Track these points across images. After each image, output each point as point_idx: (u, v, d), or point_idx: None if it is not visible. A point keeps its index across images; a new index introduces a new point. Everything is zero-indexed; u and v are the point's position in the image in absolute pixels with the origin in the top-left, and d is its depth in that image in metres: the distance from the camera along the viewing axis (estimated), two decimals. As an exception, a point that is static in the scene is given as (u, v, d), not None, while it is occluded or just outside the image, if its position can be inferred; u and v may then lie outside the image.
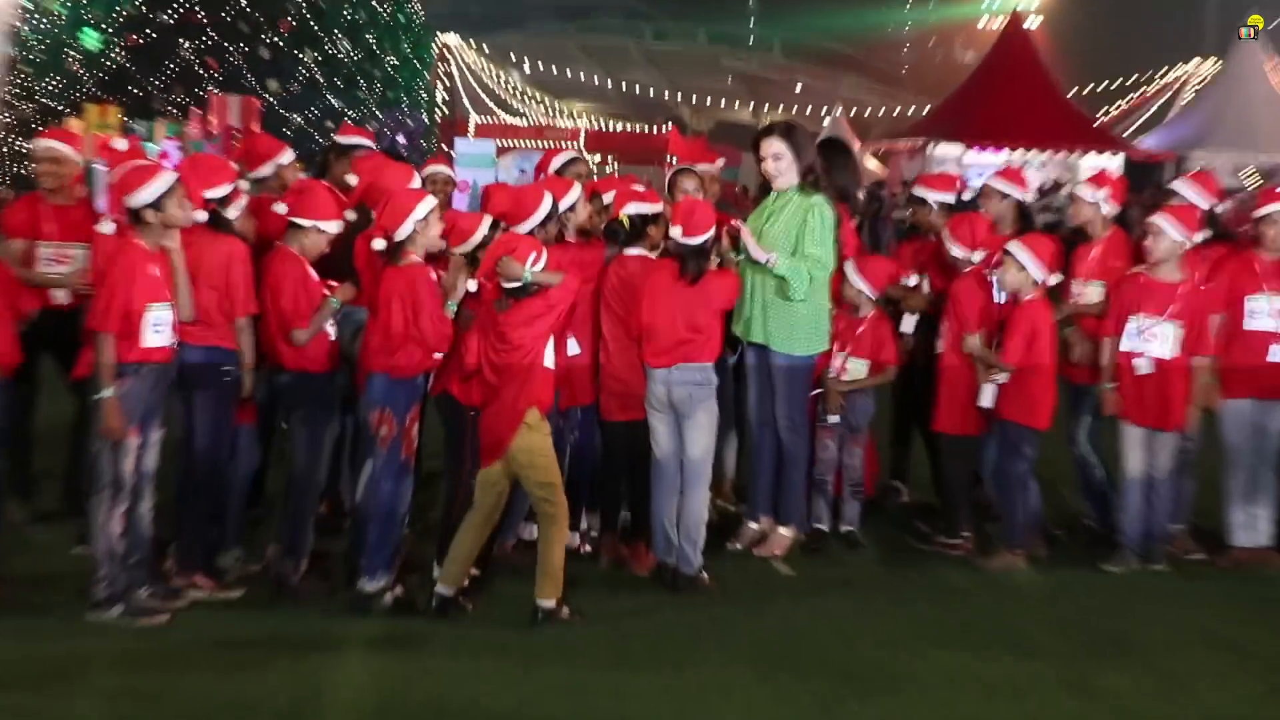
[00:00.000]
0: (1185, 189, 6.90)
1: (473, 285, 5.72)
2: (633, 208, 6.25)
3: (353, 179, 6.54)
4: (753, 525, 6.84)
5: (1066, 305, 6.94)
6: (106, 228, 5.90)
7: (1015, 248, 6.52)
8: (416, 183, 6.25)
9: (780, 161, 6.48)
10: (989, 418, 6.73)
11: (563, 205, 6.17)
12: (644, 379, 6.21)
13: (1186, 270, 6.56)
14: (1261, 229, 6.82)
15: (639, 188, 6.55)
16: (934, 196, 7.40)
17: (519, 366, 5.57)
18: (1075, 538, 7.16)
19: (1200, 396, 6.58)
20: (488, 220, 5.89)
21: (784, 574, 6.61)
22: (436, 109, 34.77)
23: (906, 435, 7.86)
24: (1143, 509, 6.66)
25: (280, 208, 5.90)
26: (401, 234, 5.67)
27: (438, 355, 5.73)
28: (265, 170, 6.66)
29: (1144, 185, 26.38)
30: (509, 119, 51.05)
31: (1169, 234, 6.48)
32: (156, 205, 5.51)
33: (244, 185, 6.14)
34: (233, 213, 5.89)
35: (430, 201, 5.75)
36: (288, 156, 6.75)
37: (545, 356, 5.63)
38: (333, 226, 5.90)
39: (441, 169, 7.46)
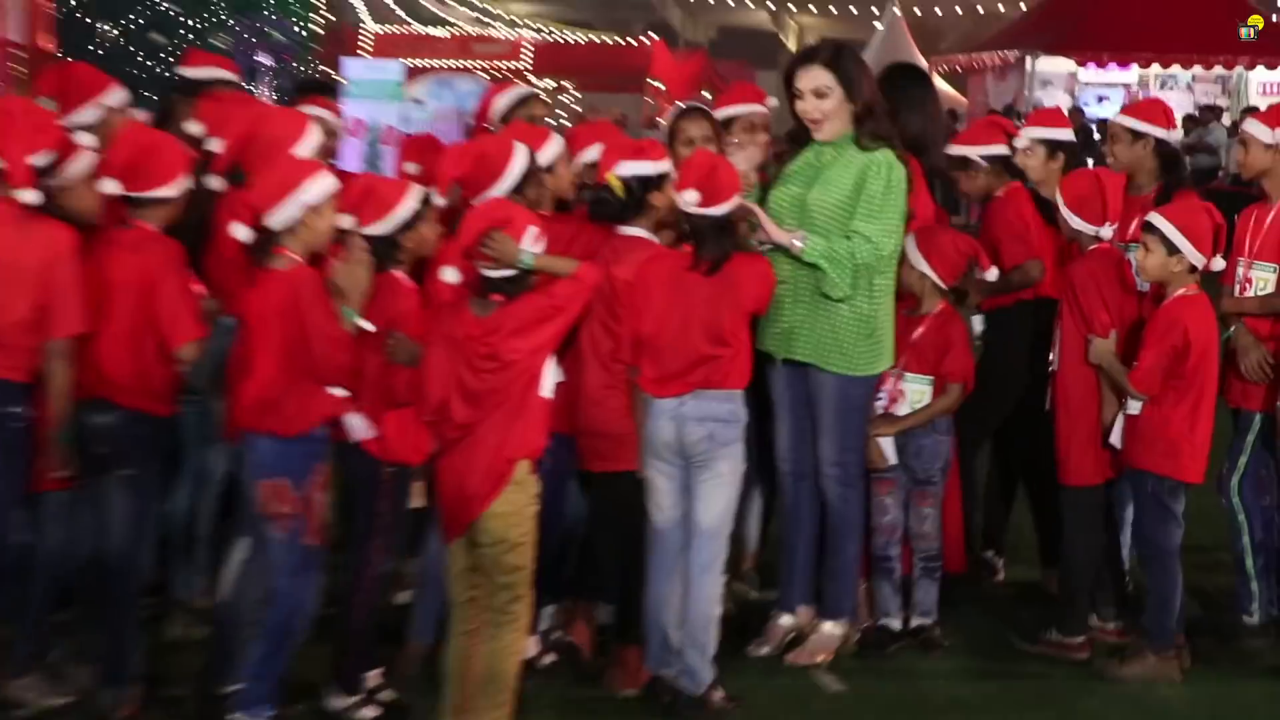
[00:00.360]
0: None
1: (451, 274, 5.67)
2: (627, 167, 6.24)
3: (195, 127, 6.53)
4: (785, 619, 6.87)
5: (1231, 299, 6.95)
6: None
7: (1159, 220, 6.55)
8: (312, 142, 6.19)
9: (825, 101, 6.52)
10: (1120, 464, 6.76)
11: (541, 162, 6.23)
12: (621, 416, 6.23)
13: None
14: None
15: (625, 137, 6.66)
16: (978, 151, 7.48)
17: (507, 395, 5.56)
18: (1224, 629, 7.21)
19: None
20: (415, 190, 5.87)
21: (831, 690, 6.59)
22: (312, 15, 34.79)
23: (1008, 487, 7.89)
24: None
25: (109, 185, 5.89)
26: (278, 221, 5.63)
27: (339, 392, 5.71)
28: (85, 116, 6.65)
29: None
30: (421, 28, 51.20)
31: None
32: None
33: (87, 141, 6.10)
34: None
35: (327, 179, 5.72)
36: (117, 96, 6.73)
37: (544, 382, 5.63)
38: (174, 190, 5.91)
39: (319, 110, 7.45)
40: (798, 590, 6.86)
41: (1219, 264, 6.63)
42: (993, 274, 7.09)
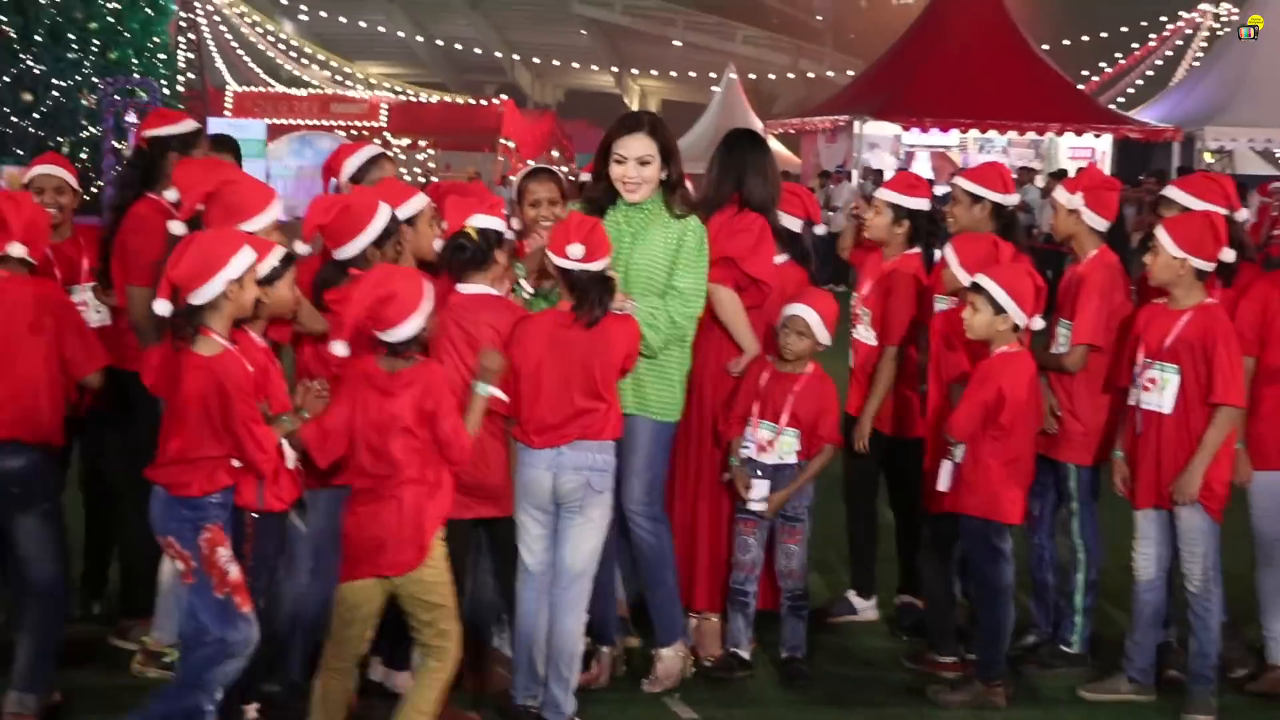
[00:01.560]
0: (1179, 196, 7.10)
1: (340, 349, 5.63)
2: (480, 220, 6.25)
3: (172, 194, 6.29)
4: (604, 650, 6.91)
5: (1038, 353, 7.07)
6: None
7: (986, 281, 6.69)
8: (273, 215, 5.95)
9: (647, 168, 6.61)
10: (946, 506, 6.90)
11: (401, 215, 6.19)
12: (501, 465, 6.26)
13: (1200, 296, 6.76)
14: (1304, 241, 7.10)
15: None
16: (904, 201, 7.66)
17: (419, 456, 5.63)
18: (1042, 657, 7.37)
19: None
20: (277, 250, 5.76)
21: (685, 718, 6.65)
22: (179, 76, 34.38)
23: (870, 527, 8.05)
24: (1153, 619, 6.91)
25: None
26: (201, 297, 5.45)
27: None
28: None
29: (1139, 172, 27.30)
30: (281, 89, 50.78)
31: (1166, 250, 6.69)
32: None
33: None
34: None
35: (248, 252, 5.49)
36: None
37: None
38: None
39: (50, 170, 7.24)
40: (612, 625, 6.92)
41: (1038, 324, 6.77)
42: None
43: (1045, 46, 37.31)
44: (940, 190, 7.21)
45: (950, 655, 7.17)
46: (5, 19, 27.49)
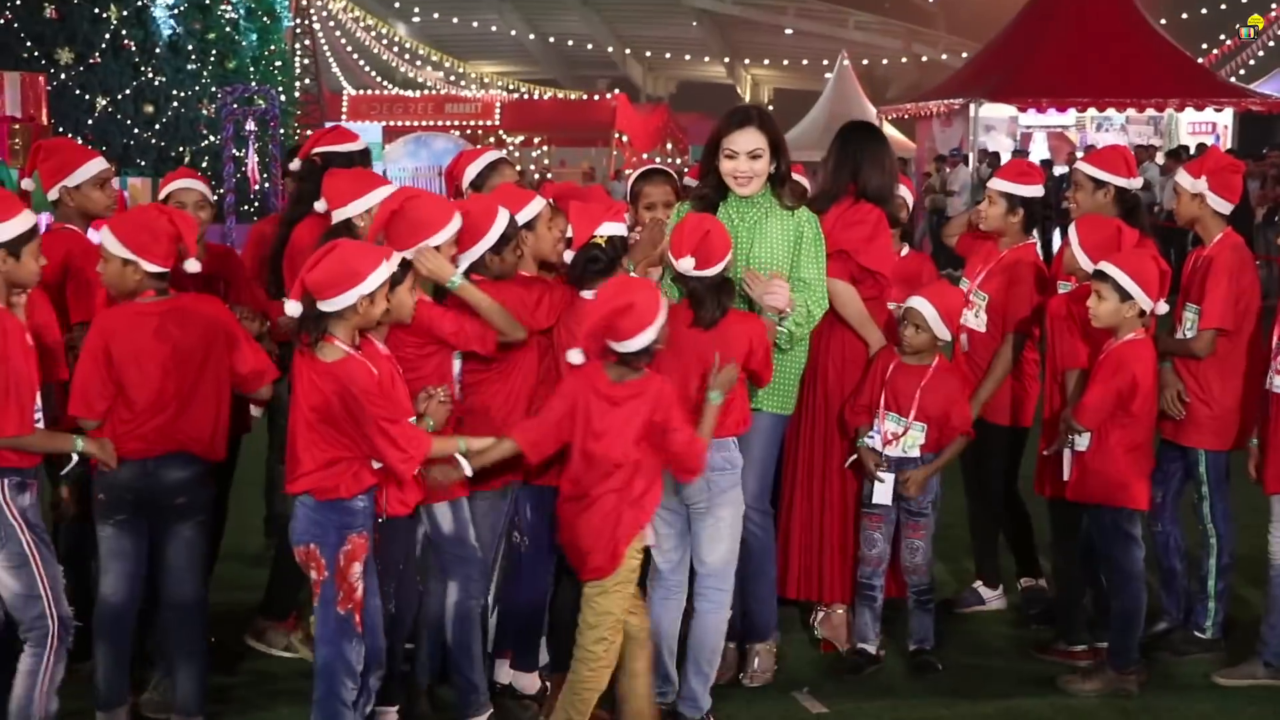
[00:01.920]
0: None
1: (576, 357, 5.74)
2: (608, 228, 6.20)
3: (320, 205, 6.49)
4: (759, 646, 6.92)
5: (1161, 338, 7.00)
6: None
7: (1111, 268, 6.61)
8: (452, 231, 5.98)
9: (758, 161, 6.56)
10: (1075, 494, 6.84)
11: (521, 220, 6.19)
12: None
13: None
14: None
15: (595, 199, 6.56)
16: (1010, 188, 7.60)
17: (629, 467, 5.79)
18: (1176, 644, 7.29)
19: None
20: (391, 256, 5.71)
21: (815, 712, 6.63)
22: (296, 81, 34.81)
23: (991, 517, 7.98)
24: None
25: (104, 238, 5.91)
26: (332, 306, 5.48)
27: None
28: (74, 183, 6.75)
29: (1261, 146, 26.83)
30: (395, 90, 51.29)
31: None
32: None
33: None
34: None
35: (384, 268, 5.55)
36: (97, 166, 6.79)
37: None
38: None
39: (190, 184, 7.24)
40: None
41: (1163, 308, 6.67)
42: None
43: (1163, 21, 36.75)
44: (1059, 170, 7.08)
45: (1081, 643, 7.11)
46: (126, 32, 27.96)
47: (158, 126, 28.36)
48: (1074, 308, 6.85)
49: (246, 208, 27.66)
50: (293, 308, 5.47)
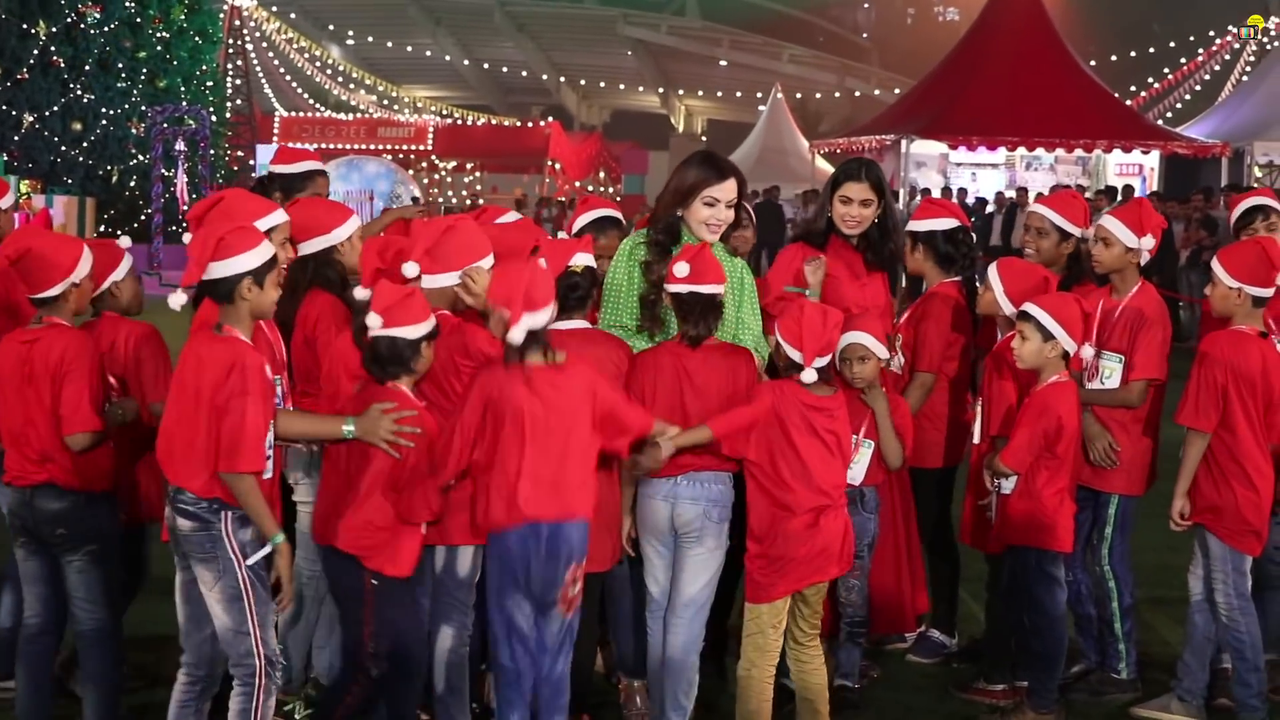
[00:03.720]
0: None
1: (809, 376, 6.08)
2: (583, 259, 6.19)
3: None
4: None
5: (1083, 390, 6.97)
6: None
7: (1035, 309, 6.65)
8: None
9: (730, 210, 6.59)
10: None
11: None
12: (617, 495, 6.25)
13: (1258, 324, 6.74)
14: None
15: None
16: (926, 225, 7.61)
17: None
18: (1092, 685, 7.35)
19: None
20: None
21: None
22: (228, 102, 34.68)
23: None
24: (1202, 639, 6.91)
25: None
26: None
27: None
28: None
29: (1187, 188, 27.14)
30: (327, 113, 51.13)
31: (1223, 281, 6.67)
32: None
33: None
34: None
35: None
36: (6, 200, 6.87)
37: None
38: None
39: None
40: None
41: (1088, 352, 6.72)
42: None
43: (1092, 63, 37.19)
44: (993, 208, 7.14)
45: (1002, 683, 7.14)
46: (55, 49, 27.78)
47: (85, 144, 28.20)
48: (1007, 354, 6.87)
49: (174, 228, 27.47)
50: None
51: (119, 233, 7.04)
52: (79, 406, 5.76)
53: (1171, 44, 44.61)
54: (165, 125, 27.72)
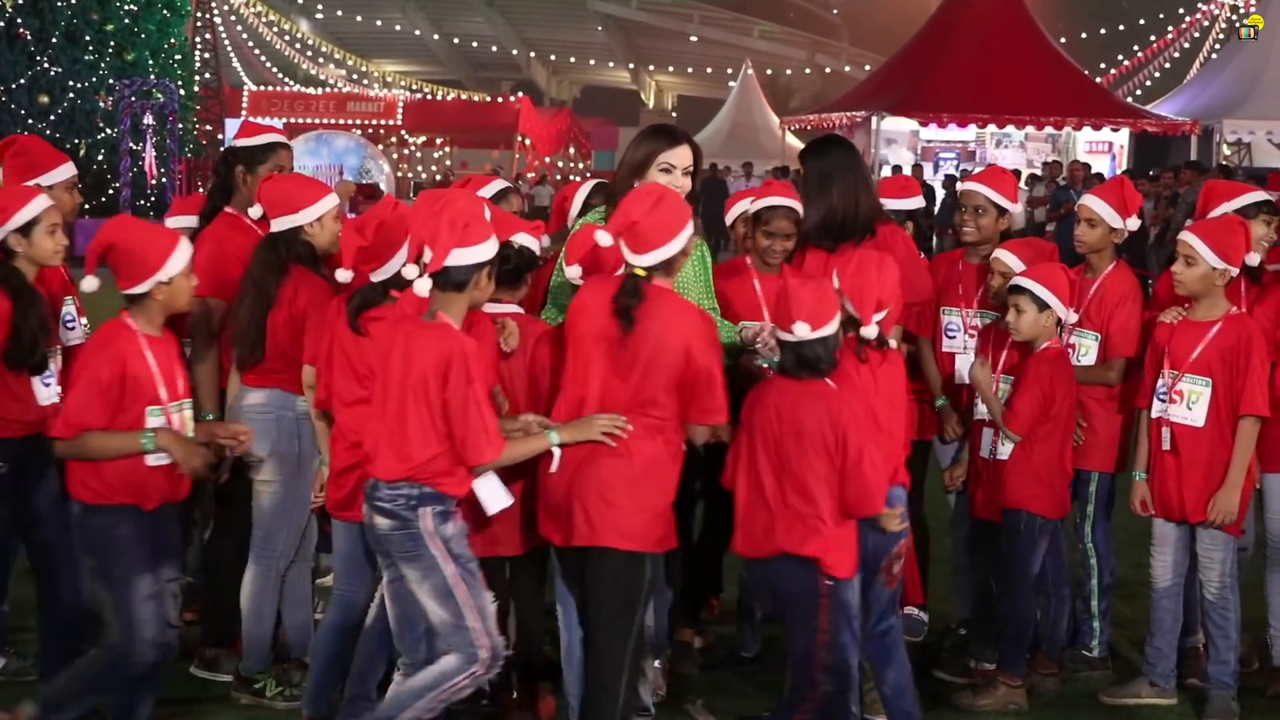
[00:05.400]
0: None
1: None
2: (523, 238, 6.03)
3: (257, 210, 6.41)
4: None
5: (1078, 368, 6.98)
6: None
7: (1028, 282, 6.67)
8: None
9: (687, 178, 6.43)
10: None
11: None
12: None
13: (1226, 305, 6.75)
14: (1323, 242, 7.04)
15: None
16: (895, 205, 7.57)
17: None
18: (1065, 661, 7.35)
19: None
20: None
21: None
22: (196, 75, 34.48)
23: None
24: (1172, 624, 6.92)
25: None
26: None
27: None
28: None
29: (1156, 166, 27.21)
30: (297, 88, 50.89)
31: (1205, 261, 6.65)
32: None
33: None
34: None
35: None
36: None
37: None
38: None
39: None
40: None
41: (1072, 317, 6.79)
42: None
43: (1062, 40, 37.24)
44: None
45: (990, 661, 7.13)
46: (21, 21, 27.57)
47: (53, 118, 28.00)
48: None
49: (143, 203, 27.33)
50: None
51: (87, 206, 6.90)
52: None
53: (1141, 21, 44.69)
54: (133, 99, 27.57)
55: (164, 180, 27.56)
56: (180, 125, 28.70)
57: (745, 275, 7.10)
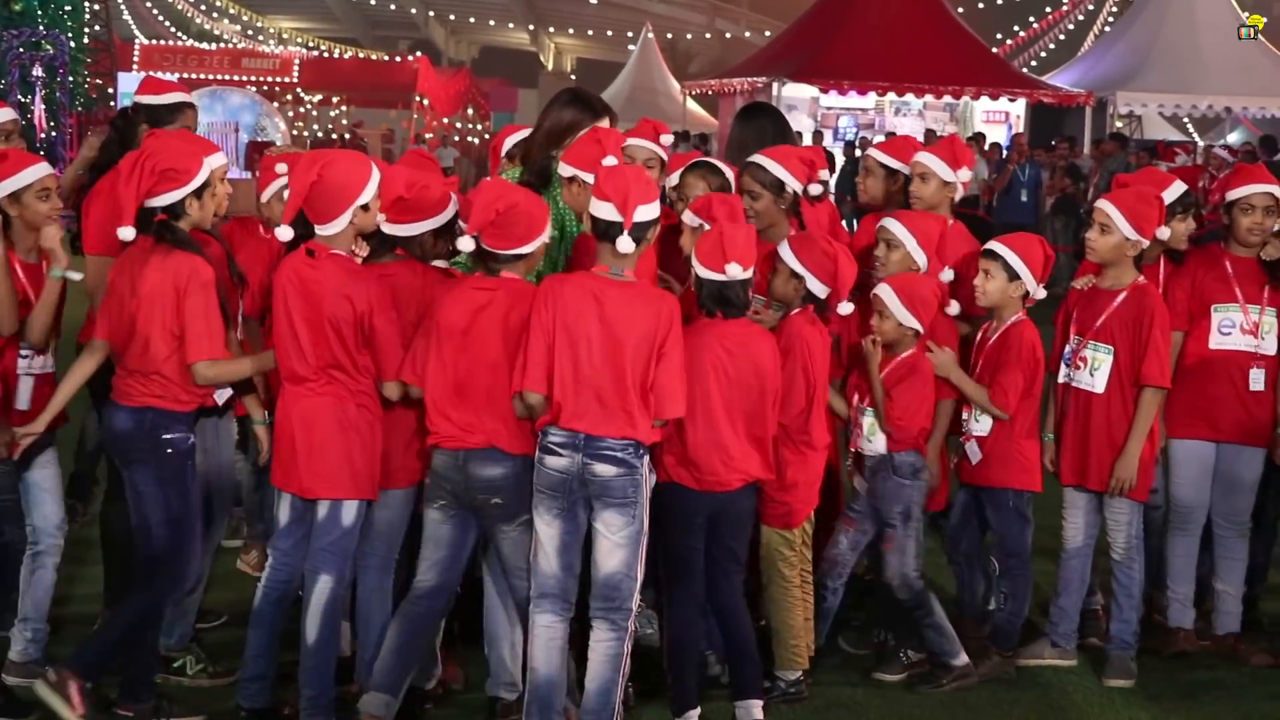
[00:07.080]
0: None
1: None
2: None
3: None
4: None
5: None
6: None
7: (1001, 248, 6.65)
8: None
9: None
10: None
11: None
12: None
13: (1134, 274, 6.78)
14: (1234, 216, 7.06)
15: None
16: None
17: None
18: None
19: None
20: None
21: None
22: (86, 28, 33.80)
23: None
24: (1079, 585, 6.98)
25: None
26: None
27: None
28: None
29: (1052, 136, 27.46)
30: (190, 42, 50.13)
31: (1120, 230, 6.66)
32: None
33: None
34: None
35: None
36: None
37: None
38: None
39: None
40: None
41: (1041, 293, 6.75)
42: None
43: (960, 10, 37.40)
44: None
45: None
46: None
47: (-60, 71, 27.38)
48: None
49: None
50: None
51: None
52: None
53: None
54: (21, 50, 27.03)
55: (54, 134, 27.06)
56: (71, 78, 28.17)
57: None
